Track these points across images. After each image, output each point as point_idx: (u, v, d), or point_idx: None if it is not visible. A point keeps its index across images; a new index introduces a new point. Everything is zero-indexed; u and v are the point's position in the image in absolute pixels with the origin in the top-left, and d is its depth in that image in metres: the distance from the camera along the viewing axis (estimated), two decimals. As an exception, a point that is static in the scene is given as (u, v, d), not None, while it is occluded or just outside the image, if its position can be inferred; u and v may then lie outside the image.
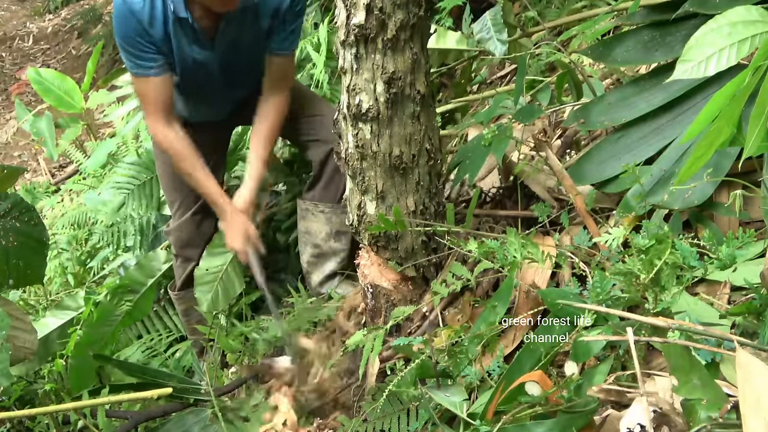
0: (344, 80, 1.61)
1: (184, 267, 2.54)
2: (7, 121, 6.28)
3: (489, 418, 1.16)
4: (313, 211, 2.39)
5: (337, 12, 1.56)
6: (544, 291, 1.38)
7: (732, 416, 0.89)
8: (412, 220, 1.69)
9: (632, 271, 1.17)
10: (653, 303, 1.17)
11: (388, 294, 1.77)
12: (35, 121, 4.55)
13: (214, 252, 2.45)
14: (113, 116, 3.93)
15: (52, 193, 4.84)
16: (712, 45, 0.93)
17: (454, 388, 1.33)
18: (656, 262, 1.16)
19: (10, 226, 1.91)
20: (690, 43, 0.95)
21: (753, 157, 1.02)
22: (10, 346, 1.77)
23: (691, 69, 0.94)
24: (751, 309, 1.13)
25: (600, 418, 1.07)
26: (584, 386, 1.10)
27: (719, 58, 0.93)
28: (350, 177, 1.73)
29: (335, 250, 2.39)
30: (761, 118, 0.91)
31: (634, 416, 0.92)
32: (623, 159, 1.60)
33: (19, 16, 8.84)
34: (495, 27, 2.01)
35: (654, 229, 1.34)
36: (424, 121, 1.64)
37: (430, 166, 1.69)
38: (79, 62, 7.18)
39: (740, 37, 0.92)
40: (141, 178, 3.12)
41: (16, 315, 1.87)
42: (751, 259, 1.29)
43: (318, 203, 2.39)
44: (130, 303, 2.64)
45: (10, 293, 2.94)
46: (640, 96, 1.66)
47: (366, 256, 1.80)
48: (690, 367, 0.93)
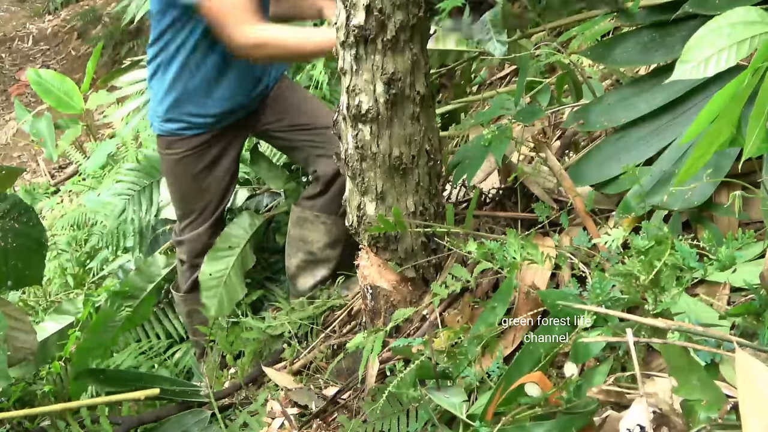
0: (344, 81, 1.61)
1: (192, 271, 2.53)
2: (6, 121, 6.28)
3: (488, 419, 1.16)
4: (313, 220, 2.38)
5: (337, 13, 1.56)
6: (544, 292, 1.37)
7: (732, 417, 0.88)
8: (412, 221, 1.69)
9: (632, 272, 1.17)
10: (653, 304, 1.17)
11: (388, 295, 1.77)
12: (35, 121, 4.55)
13: (216, 256, 2.45)
14: (113, 117, 3.94)
15: (52, 194, 4.84)
16: (711, 46, 0.94)
17: (454, 390, 1.33)
18: (656, 263, 1.16)
19: (8, 227, 1.91)
20: (689, 43, 0.95)
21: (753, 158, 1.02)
22: (9, 346, 1.78)
23: (691, 69, 0.94)
24: (750, 310, 1.13)
25: (600, 419, 1.06)
26: (584, 387, 1.10)
27: (719, 58, 0.93)
28: (350, 178, 1.73)
29: (329, 257, 2.38)
30: (761, 118, 0.91)
31: (634, 417, 0.92)
32: (623, 160, 1.60)
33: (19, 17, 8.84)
34: (495, 28, 2.01)
35: (653, 230, 1.34)
36: (424, 122, 1.64)
37: (430, 167, 1.69)
38: (78, 63, 7.18)
39: (740, 38, 0.92)
40: (141, 184, 3.13)
41: (15, 316, 1.87)
42: (751, 260, 1.29)
43: (320, 214, 2.37)
44: (130, 308, 2.64)
45: (9, 294, 2.94)
46: (640, 97, 1.66)
47: (366, 257, 1.80)
48: (689, 368, 0.93)
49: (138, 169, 3.19)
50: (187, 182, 2.36)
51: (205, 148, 2.32)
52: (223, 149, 2.36)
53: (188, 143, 2.30)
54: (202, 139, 2.30)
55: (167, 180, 2.46)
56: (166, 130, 2.31)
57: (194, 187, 2.36)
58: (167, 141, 2.33)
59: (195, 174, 2.35)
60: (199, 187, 2.38)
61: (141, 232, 3.07)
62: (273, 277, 2.81)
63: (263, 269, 2.83)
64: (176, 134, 2.31)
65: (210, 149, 2.32)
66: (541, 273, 1.52)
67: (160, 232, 3.05)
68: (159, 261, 2.78)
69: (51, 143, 4.48)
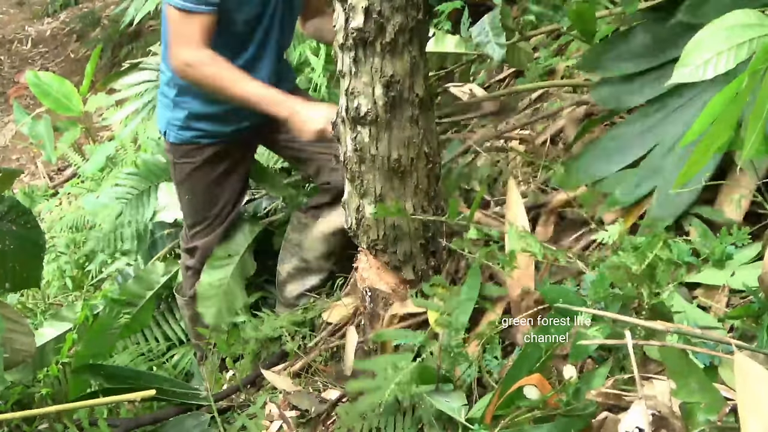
0: (343, 84, 1.61)
1: (198, 277, 2.50)
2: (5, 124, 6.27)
3: (487, 422, 1.16)
4: (314, 228, 2.36)
5: (336, 15, 1.56)
6: (545, 289, 1.38)
7: (731, 419, 0.89)
8: (411, 221, 1.69)
9: (625, 263, 1.18)
10: (648, 298, 1.17)
11: (387, 298, 1.77)
12: (34, 124, 4.55)
13: (216, 264, 2.44)
14: (112, 119, 3.93)
15: (51, 196, 4.83)
16: (709, 49, 0.93)
17: (453, 393, 1.33)
18: (648, 254, 1.16)
19: (6, 229, 1.91)
20: (688, 47, 0.95)
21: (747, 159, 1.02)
22: (8, 349, 1.77)
23: (690, 73, 0.94)
24: (749, 312, 1.13)
25: (598, 421, 1.06)
26: (583, 390, 1.10)
27: (717, 61, 0.93)
28: (348, 180, 1.73)
29: (322, 268, 2.34)
30: (759, 121, 0.91)
31: (633, 419, 0.92)
32: (614, 158, 1.63)
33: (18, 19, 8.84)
34: (493, 31, 2.02)
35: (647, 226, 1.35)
36: (422, 125, 1.64)
37: (429, 170, 1.69)
38: (77, 65, 7.17)
39: (738, 41, 0.92)
40: (139, 188, 3.12)
41: (14, 318, 1.87)
42: (749, 262, 1.29)
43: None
44: (129, 316, 2.63)
45: (7, 296, 2.93)
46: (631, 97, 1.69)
47: (364, 260, 1.80)
48: (687, 371, 0.93)
49: (136, 173, 3.18)
50: (201, 190, 2.32)
51: (222, 157, 2.27)
52: (240, 157, 2.32)
53: (204, 152, 2.25)
54: (219, 148, 2.25)
55: (179, 188, 2.40)
56: (181, 139, 2.26)
57: (208, 194, 2.32)
58: (183, 150, 2.28)
59: (210, 182, 2.30)
60: (214, 194, 2.34)
61: (139, 236, 3.06)
62: (272, 279, 2.80)
63: (262, 272, 2.82)
64: (193, 143, 2.25)
65: (226, 158, 2.28)
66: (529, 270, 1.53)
67: (158, 237, 3.05)
68: (158, 269, 2.76)
69: (50, 146, 4.47)
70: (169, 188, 2.89)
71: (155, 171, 3.07)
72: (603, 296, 1.19)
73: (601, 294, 1.19)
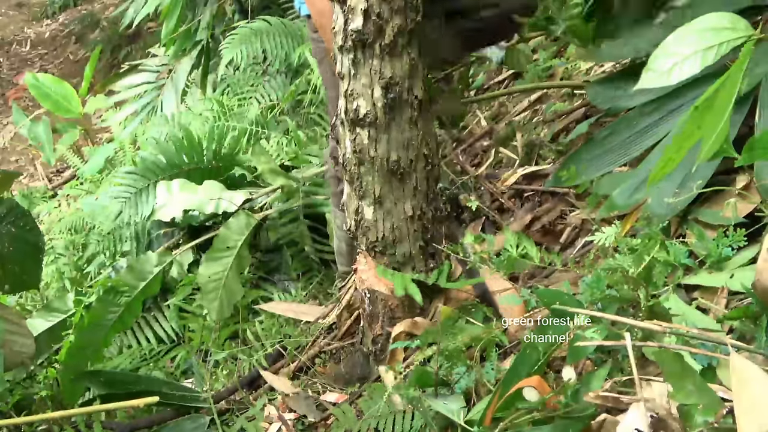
0: (342, 85, 1.61)
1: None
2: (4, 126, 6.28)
3: (487, 424, 1.16)
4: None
5: (335, 17, 1.56)
6: (541, 291, 1.38)
7: (728, 421, 0.89)
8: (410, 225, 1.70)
9: (622, 266, 1.18)
10: (645, 299, 1.17)
11: (386, 299, 1.77)
12: (33, 126, 4.55)
13: (214, 257, 2.44)
14: (111, 121, 3.93)
15: (50, 198, 4.83)
16: (674, 54, 0.92)
17: (452, 397, 1.33)
18: (645, 257, 1.16)
19: (5, 231, 1.91)
20: (656, 52, 0.93)
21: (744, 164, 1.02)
22: (7, 350, 1.77)
23: (656, 78, 0.93)
24: (748, 313, 1.13)
25: (597, 423, 1.06)
26: (582, 391, 1.10)
27: (681, 67, 0.91)
28: (348, 182, 1.73)
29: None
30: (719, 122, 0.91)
31: (632, 421, 0.92)
32: (609, 159, 1.63)
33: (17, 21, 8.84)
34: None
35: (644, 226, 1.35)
36: (421, 127, 1.64)
37: (428, 171, 1.70)
38: (76, 67, 7.17)
39: (706, 45, 0.90)
40: (138, 186, 3.12)
41: (13, 320, 1.87)
42: (747, 263, 1.29)
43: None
44: (121, 307, 2.60)
45: (6, 298, 2.92)
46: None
47: (364, 261, 1.80)
48: (683, 373, 0.93)
49: (135, 171, 3.17)
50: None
51: None
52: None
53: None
54: None
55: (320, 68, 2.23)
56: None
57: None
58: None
59: None
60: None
61: (137, 237, 3.06)
62: (267, 276, 2.80)
63: (257, 269, 2.82)
64: None
65: None
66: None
67: (154, 236, 3.04)
68: (152, 259, 2.71)
69: (49, 147, 4.48)
70: (167, 186, 2.89)
71: (154, 169, 3.07)
72: (599, 298, 1.20)
73: (597, 295, 1.20)
